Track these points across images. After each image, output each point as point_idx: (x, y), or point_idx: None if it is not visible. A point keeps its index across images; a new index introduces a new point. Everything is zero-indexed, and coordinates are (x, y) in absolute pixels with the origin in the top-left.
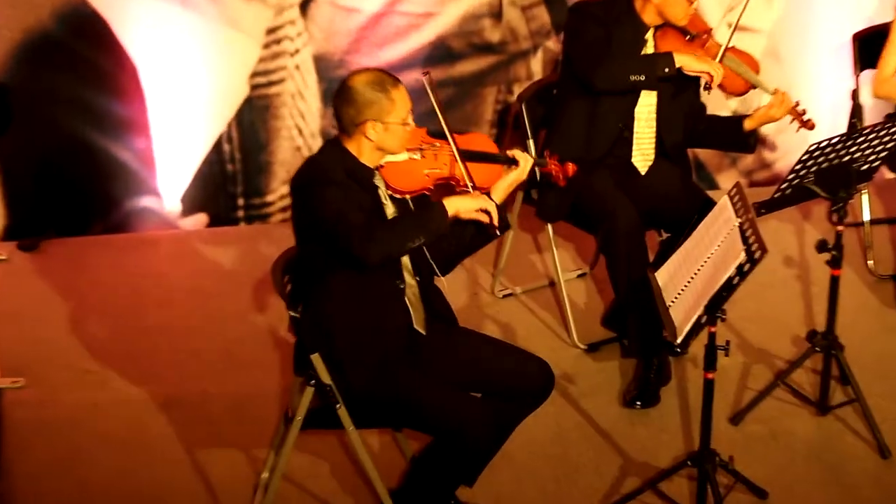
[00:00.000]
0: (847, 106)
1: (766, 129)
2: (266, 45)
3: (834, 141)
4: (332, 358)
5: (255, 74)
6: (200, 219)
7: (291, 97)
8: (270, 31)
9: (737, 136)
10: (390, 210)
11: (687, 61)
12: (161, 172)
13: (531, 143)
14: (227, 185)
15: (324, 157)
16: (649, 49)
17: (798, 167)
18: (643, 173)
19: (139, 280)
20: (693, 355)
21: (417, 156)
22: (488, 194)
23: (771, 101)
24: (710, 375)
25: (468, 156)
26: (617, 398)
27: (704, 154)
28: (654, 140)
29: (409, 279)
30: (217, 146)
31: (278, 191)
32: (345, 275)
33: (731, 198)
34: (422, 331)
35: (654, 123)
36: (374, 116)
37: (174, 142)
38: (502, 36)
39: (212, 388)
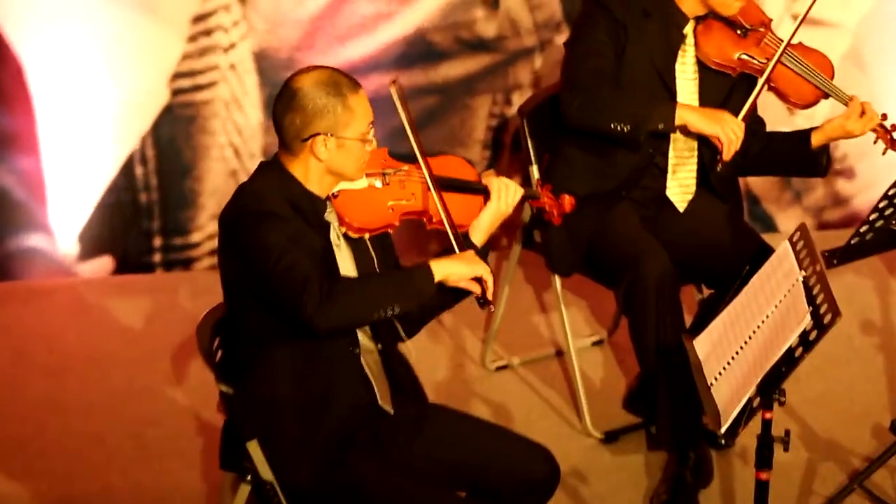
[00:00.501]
0: None
1: (843, 152)
2: (192, 38)
3: None
4: (272, 446)
5: (177, 76)
6: (104, 263)
7: (225, 106)
8: (198, 19)
9: (802, 155)
10: (344, 255)
11: (694, 118)
12: (53, 203)
13: (534, 169)
14: (139, 219)
15: (260, 184)
16: (688, 47)
17: (882, 205)
18: (682, 210)
19: (23, 342)
20: (742, 448)
21: (379, 183)
22: (466, 235)
23: (847, 111)
24: (763, 475)
25: (443, 184)
26: (643, 502)
27: (759, 186)
28: (695, 168)
29: (367, 343)
30: (126, 169)
31: (206, 228)
32: (284, 341)
33: (794, 244)
34: (388, 409)
35: (695, 146)
36: (325, 129)
37: (70, 163)
38: (499, 29)
39: (117, 482)
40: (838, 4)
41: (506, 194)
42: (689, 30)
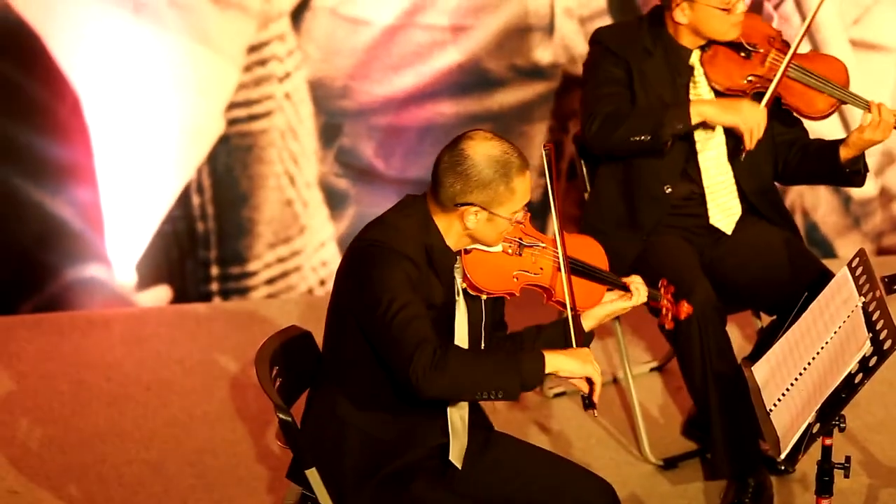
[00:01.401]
0: None
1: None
2: (247, 68)
3: None
4: (336, 471)
5: (232, 106)
6: (161, 293)
7: (280, 135)
8: (253, 49)
9: (834, 167)
10: (459, 308)
11: (711, 112)
12: (110, 233)
13: (589, 196)
14: (195, 249)
15: (402, 223)
16: (698, 77)
17: None
18: (729, 233)
19: (82, 372)
20: (802, 475)
21: (512, 251)
22: (578, 317)
23: (863, 120)
24: (824, 502)
25: (574, 269)
26: None
27: (817, 211)
28: (734, 189)
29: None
30: (183, 199)
31: (263, 257)
32: (380, 375)
33: (853, 270)
34: (458, 465)
35: (727, 169)
36: (481, 203)
37: (127, 194)
38: (554, 56)
39: None
40: (889, 25)
41: (635, 297)
42: (695, 60)
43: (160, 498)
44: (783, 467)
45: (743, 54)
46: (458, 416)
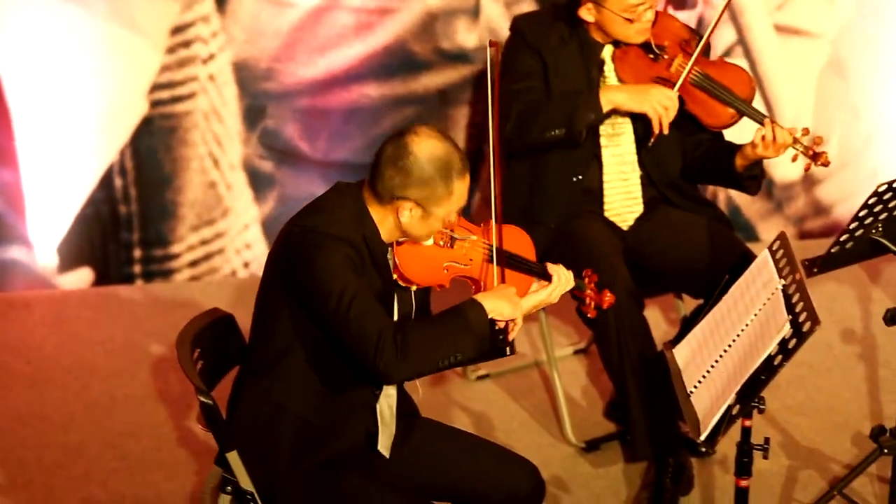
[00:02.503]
0: None
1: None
2: (171, 50)
3: None
4: (266, 459)
5: (155, 87)
6: (84, 275)
7: (204, 117)
8: (176, 30)
9: (730, 174)
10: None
11: (621, 98)
12: (32, 215)
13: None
14: (118, 231)
15: (338, 210)
16: (609, 72)
17: (863, 213)
18: (625, 229)
19: (2, 354)
20: (722, 456)
21: (443, 243)
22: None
23: (756, 135)
24: (743, 483)
25: (506, 260)
26: None
27: (740, 196)
28: (638, 187)
29: (390, 388)
30: (106, 181)
31: (186, 239)
32: (313, 359)
33: (773, 253)
34: (386, 454)
35: (636, 165)
36: (418, 199)
37: (49, 175)
38: (480, 39)
39: (97, 494)
40: (818, 15)
41: (560, 286)
42: (606, 55)
43: (80, 481)
44: (703, 449)
45: (651, 56)
46: (386, 406)
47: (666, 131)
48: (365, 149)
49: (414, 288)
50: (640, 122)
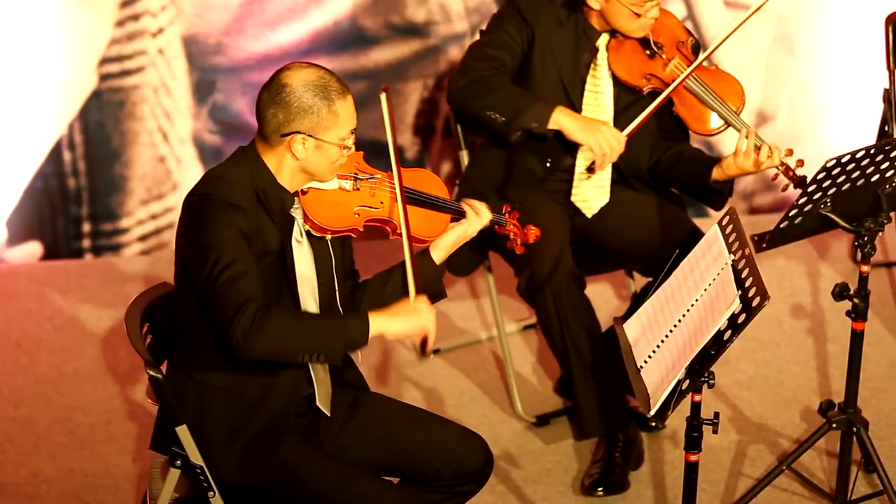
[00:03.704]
0: (878, 110)
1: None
2: (120, 23)
3: (859, 155)
4: (202, 435)
5: (104, 61)
6: (32, 249)
7: (153, 91)
8: (125, 3)
9: (701, 184)
10: (305, 252)
11: (569, 126)
12: None
13: (464, 154)
14: (67, 205)
15: (231, 173)
16: (601, 60)
17: (812, 189)
18: (589, 216)
19: None
20: (672, 431)
21: (349, 186)
22: (425, 251)
23: (737, 148)
24: (693, 457)
25: (412, 199)
26: (573, 485)
27: None
28: (608, 177)
29: None
30: (54, 154)
31: (135, 213)
32: None
33: (723, 228)
34: (326, 410)
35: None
36: (306, 129)
37: None
38: (429, 15)
39: (46, 468)
40: None
41: (476, 218)
42: (601, 43)
43: (30, 455)
44: (653, 423)
45: (648, 52)
46: (318, 365)
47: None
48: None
49: (329, 237)
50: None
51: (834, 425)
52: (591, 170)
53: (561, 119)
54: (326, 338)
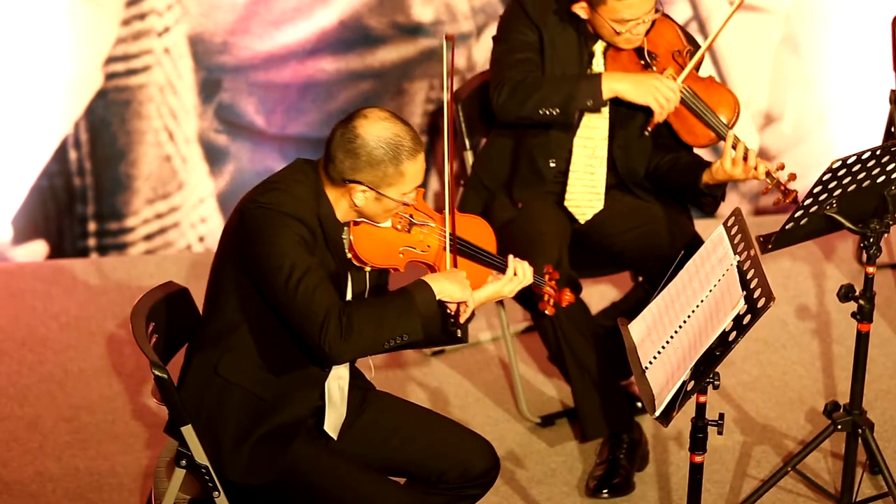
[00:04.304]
0: (884, 111)
1: (778, 145)
2: (126, 22)
3: (865, 156)
4: (213, 433)
5: (111, 60)
6: (38, 248)
7: (159, 90)
8: (131, 2)
9: (692, 188)
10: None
11: (624, 87)
12: None
13: (468, 154)
14: (73, 204)
15: (295, 188)
16: (597, 66)
17: (817, 190)
18: (582, 222)
19: None
20: (677, 432)
21: (401, 227)
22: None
23: (725, 153)
24: (698, 458)
25: (461, 250)
26: (578, 486)
27: None
28: (602, 184)
29: (341, 369)
30: (60, 154)
31: (141, 212)
32: (264, 334)
33: (728, 229)
34: (333, 435)
35: (604, 160)
36: (370, 183)
37: (2, 147)
38: (435, 14)
39: (52, 467)
40: None
41: (518, 281)
42: (597, 49)
43: (35, 454)
44: (640, 404)
45: (643, 62)
46: (336, 386)
47: (662, 119)
48: (321, 123)
49: (368, 269)
50: (642, 111)
51: (839, 427)
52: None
53: (613, 86)
54: (404, 318)
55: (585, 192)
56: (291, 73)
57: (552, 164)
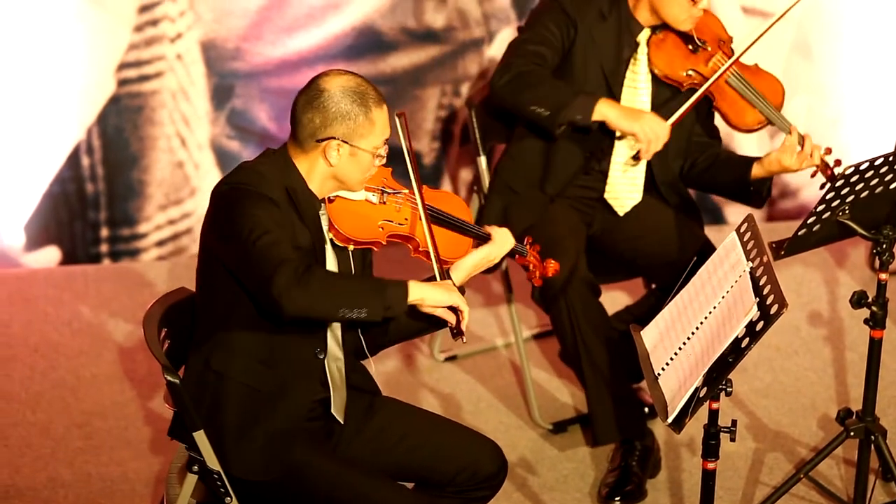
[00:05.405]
0: None
1: None
2: (138, 28)
3: (877, 163)
4: (217, 432)
5: (123, 66)
6: (50, 254)
7: (172, 96)
8: (144, 8)
9: (740, 183)
10: (328, 258)
11: (613, 115)
12: None
13: (482, 160)
14: (85, 210)
15: (263, 167)
16: (640, 55)
17: (830, 196)
18: (621, 214)
19: None
20: (689, 439)
21: (375, 198)
22: (447, 271)
23: (783, 145)
24: (710, 465)
25: (436, 218)
26: (590, 492)
27: None
28: (642, 176)
29: (335, 350)
30: (72, 159)
31: (153, 219)
32: (252, 325)
33: (741, 235)
34: (339, 418)
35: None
36: (343, 135)
37: (16, 153)
38: (448, 20)
39: (64, 473)
40: None
41: (500, 244)
42: (642, 38)
43: (47, 460)
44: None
45: (691, 47)
46: (335, 368)
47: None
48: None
49: (351, 248)
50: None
51: (852, 433)
52: (636, 158)
53: (605, 110)
54: (367, 295)
55: (626, 185)
56: (304, 79)
57: (588, 156)
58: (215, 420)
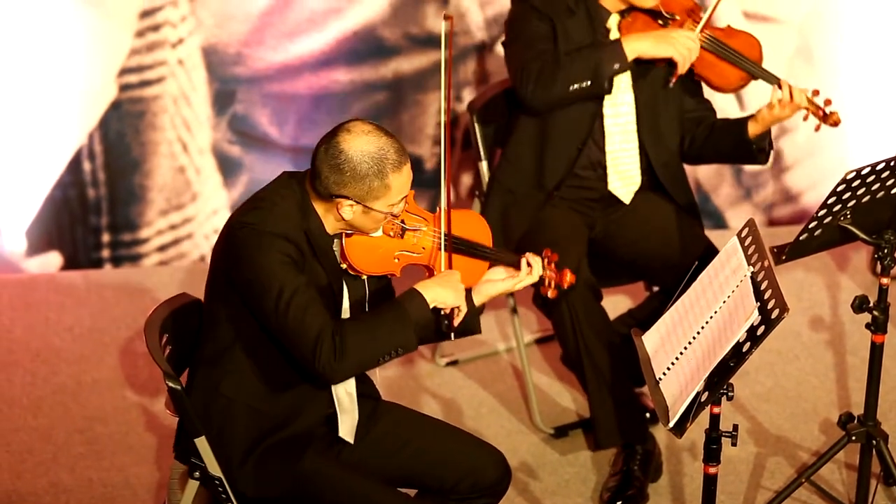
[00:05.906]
0: None
1: (785, 145)
2: (140, 33)
3: (879, 167)
4: (223, 450)
5: (124, 71)
6: (52, 259)
7: (173, 101)
8: (145, 14)
9: (741, 144)
10: (345, 288)
11: (645, 46)
12: None
13: (484, 165)
14: (87, 215)
15: (280, 204)
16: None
17: (831, 201)
18: (627, 202)
19: None
20: (691, 443)
21: (393, 233)
22: (469, 291)
23: (772, 96)
24: (712, 470)
25: (457, 248)
26: (592, 497)
27: (709, 183)
28: (638, 157)
29: None
30: (74, 165)
31: (155, 224)
32: (262, 350)
33: (742, 240)
34: (349, 440)
35: (635, 135)
36: (357, 197)
37: (17, 159)
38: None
39: (65, 478)
40: (786, 1)
41: (529, 275)
42: (612, 24)
43: (49, 465)
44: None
45: (661, 22)
46: (343, 392)
47: (684, 70)
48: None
49: (364, 277)
50: (666, 65)
51: (853, 438)
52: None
53: (636, 46)
54: (397, 332)
55: (625, 171)
56: (305, 84)
57: (580, 147)
58: (222, 442)
